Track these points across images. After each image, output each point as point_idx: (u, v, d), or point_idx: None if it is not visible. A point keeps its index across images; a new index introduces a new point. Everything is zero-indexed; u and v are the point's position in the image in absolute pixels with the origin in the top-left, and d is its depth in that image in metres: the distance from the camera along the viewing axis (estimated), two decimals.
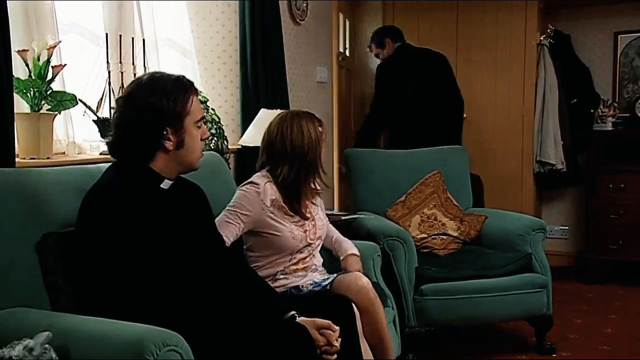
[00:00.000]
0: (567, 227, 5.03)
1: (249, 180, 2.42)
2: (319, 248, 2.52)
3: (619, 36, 4.81)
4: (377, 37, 4.53)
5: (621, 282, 4.35)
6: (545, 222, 3.35)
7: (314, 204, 2.51)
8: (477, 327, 3.51)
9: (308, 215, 2.45)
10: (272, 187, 2.39)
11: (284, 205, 2.40)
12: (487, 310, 3.06)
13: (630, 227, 4.31)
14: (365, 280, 2.31)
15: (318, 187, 2.52)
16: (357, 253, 2.57)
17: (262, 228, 2.37)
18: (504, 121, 4.85)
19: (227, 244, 2.23)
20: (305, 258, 2.44)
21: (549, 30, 4.74)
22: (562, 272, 4.47)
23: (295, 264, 2.42)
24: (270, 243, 2.38)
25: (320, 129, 2.46)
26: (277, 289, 2.26)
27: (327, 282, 2.33)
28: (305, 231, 2.44)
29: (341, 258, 2.54)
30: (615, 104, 4.71)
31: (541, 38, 4.71)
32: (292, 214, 2.41)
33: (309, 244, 2.45)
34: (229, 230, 2.31)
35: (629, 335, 3.43)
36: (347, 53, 5.19)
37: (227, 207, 2.37)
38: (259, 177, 2.41)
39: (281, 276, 2.39)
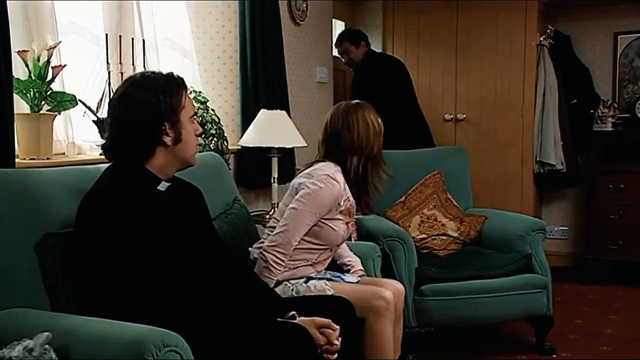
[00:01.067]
0: (567, 228, 5.03)
1: (327, 173, 2.29)
2: None
3: (619, 37, 4.82)
4: (353, 36, 4.60)
5: (621, 282, 4.35)
6: (545, 222, 3.36)
7: (371, 200, 2.49)
8: (477, 328, 3.51)
9: (368, 210, 2.47)
10: (346, 185, 2.35)
11: (353, 205, 2.38)
12: (487, 310, 3.05)
13: (630, 227, 4.31)
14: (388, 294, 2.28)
15: (380, 180, 2.46)
16: (360, 267, 2.56)
17: (323, 220, 2.32)
18: (503, 121, 4.84)
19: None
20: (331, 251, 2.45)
21: (548, 31, 4.74)
22: (562, 273, 4.47)
23: (327, 258, 2.42)
24: (321, 234, 2.33)
25: (379, 120, 2.44)
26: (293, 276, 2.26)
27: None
28: (348, 229, 2.44)
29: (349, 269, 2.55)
30: (615, 105, 4.71)
31: (541, 39, 4.71)
32: (350, 212, 2.39)
33: (344, 239, 2.46)
34: (303, 233, 2.27)
35: (629, 336, 3.42)
36: None
37: (307, 206, 2.25)
38: (335, 172, 2.32)
39: (306, 264, 2.36)
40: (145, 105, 1.80)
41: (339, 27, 5.10)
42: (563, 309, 3.76)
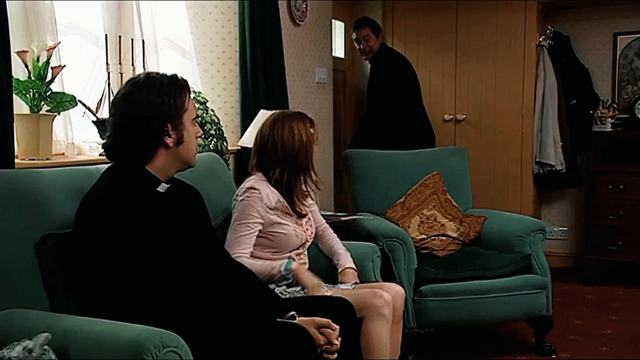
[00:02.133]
0: (566, 228, 5.03)
1: (247, 187, 2.39)
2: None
3: (618, 37, 4.82)
4: (375, 24, 4.53)
5: (621, 283, 4.35)
6: (544, 223, 3.36)
7: (304, 204, 2.51)
8: (476, 328, 3.51)
9: (304, 212, 2.48)
10: (272, 189, 2.40)
11: (287, 205, 2.42)
12: (487, 311, 3.05)
13: (630, 228, 4.31)
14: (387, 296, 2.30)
15: (309, 189, 2.51)
16: (354, 266, 2.57)
17: (268, 228, 2.38)
18: (503, 122, 4.84)
19: (247, 257, 2.28)
20: (300, 255, 2.46)
21: (548, 32, 4.74)
22: (561, 273, 4.47)
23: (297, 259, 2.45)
24: (273, 241, 2.39)
25: (311, 130, 2.47)
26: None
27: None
28: (305, 230, 2.48)
29: (339, 271, 2.56)
30: (615, 105, 4.71)
31: (540, 39, 4.71)
32: (292, 213, 2.44)
33: (304, 243, 2.48)
34: (245, 243, 2.33)
35: (629, 337, 3.42)
36: (343, 55, 5.19)
37: (235, 222, 2.35)
38: (257, 182, 2.41)
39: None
40: (148, 105, 1.80)
41: (338, 27, 5.11)
42: (563, 310, 3.76)
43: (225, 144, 3.29)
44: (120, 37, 2.81)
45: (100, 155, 2.63)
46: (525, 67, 4.71)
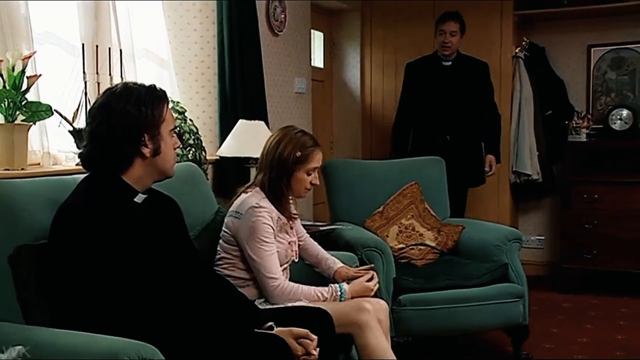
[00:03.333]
0: (542, 237, 5.09)
1: (253, 205, 2.34)
2: None
3: (592, 49, 4.90)
4: (464, 25, 4.17)
5: (596, 291, 4.41)
6: (521, 232, 3.39)
7: (293, 215, 2.52)
8: (454, 337, 3.52)
9: (295, 216, 2.51)
10: (271, 205, 2.39)
11: (285, 222, 2.43)
12: (464, 320, 3.07)
13: (605, 237, 4.37)
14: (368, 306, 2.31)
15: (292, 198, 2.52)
16: (340, 265, 2.61)
17: None
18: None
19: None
20: (284, 272, 2.45)
21: (524, 43, 4.81)
22: (538, 282, 4.51)
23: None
24: None
25: (299, 154, 2.44)
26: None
27: None
28: (292, 250, 2.49)
29: (333, 272, 2.57)
30: (589, 116, 4.79)
31: (516, 50, 4.78)
32: (288, 230, 2.45)
33: (289, 260, 2.48)
34: (277, 263, 2.33)
35: (604, 345, 3.47)
36: (322, 65, 5.21)
37: (259, 241, 2.30)
38: (259, 199, 2.37)
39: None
40: (125, 115, 1.79)
41: (317, 37, 5.13)
42: (539, 318, 3.80)
43: (203, 153, 3.28)
44: (97, 46, 2.80)
45: (76, 165, 2.61)
46: (501, 78, 4.77)
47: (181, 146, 3.07)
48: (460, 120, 4.13)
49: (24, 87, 2.33)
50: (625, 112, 4.65)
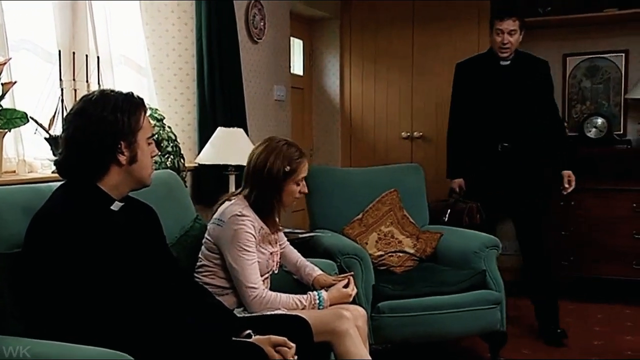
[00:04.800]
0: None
1: (236, 213, 2.33)
2: None
3: (568, 58, 4.98)
4: (524, 20, 3.71)
5: (572, 297, 4.45)
6: (498, 239, 3.41)
7: (278, 228, 2.53)
8: (433, 344, 3.54)
9: (276, 237, 2.50)
10: (254, 215, 2.39)
11: (268, 232, 2.43)
12: (443, 326, 3.08)
13: (581, 243, 4.42)
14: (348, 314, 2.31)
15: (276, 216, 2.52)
16: (318, 272, 2.60)
17: None
18: None
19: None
20: (264, 281, 2.45)
21: None
22: (515, 288, 4.54)
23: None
24: None
25: (288, 168, 2.45)
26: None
27: None
28: (274, 260, 2.48)
29: (312, 280, 2.57)
30: (565, 124, 4.85)
31: None
32: (271, 240, 2.45)
33: (269, 271, 2.48)
34: (258, 272, 2.32)
35: (581, 351, 3.50)
36: (301, 73, 5.23)
37: (240, 250, 2.29)
38: (242, 207, 2.36)
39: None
40: (102, 122, 1.78)
41: (297, 45, 5.15)
42: (517, 324, 3.82)
43: (182, 161, 3.27)
44: (74, 53, 2.78)
45: (52, 172, 2.58)
46: None
47: (159, 154, 3.05)
48: (521, 126, 3.67)
49: None
50: (600, 120, 4.73)
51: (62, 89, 2.67)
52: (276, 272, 2.53)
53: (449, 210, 3.77)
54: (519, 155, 3.65)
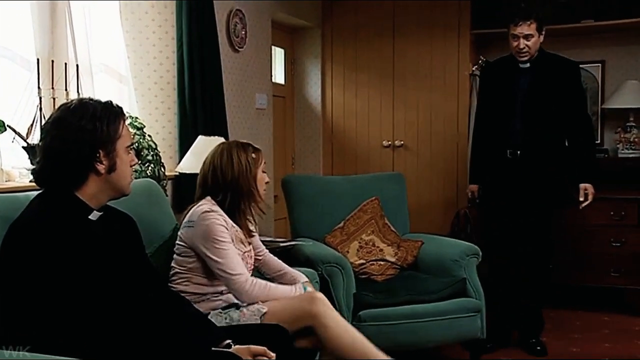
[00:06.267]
0: None
1: (205, 210, 2.35)
2: None
3: None
4: (542, 20, 3.53)
5: (552, 305, 4.48)
6: (478, 247, 3.44)
7: (250, 230, 2.52)
8: (414, 352, 3.54)
9: (253, 233, 2.51)
10: (224, 214, 2.40)
11: (238, 231, 2.44)
12: (423, 335, 3.09)
13: (560, 251, 4.45)
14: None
15: (253, 214, 2.53)
16: (307, 279, 2.62)
17: None
18: (439, 148, 4.99)
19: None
20: None
21: (480, 62, 4.91)
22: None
23: None
24: None
25: (253, 155, 2.49)
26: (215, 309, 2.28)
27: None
28: (248, 263, 2.48)
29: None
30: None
31: (473, 69, 4.88)
32: (243, 241, 2.45)
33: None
34: (239, 258, 2.34)
35: (562, 357, 3.52)
36: (283, 81, 5.23)
37: (217, 242, 2.30)
38: (211, 206, 2.39)
39: (219, 297, 2.39)
40: (80, 131, 1.76)
41: (278, 53, 5.15)
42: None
43: (162, 169, 3.25)
44: (53, 61, 2.76)
45: (30, 181, 2.55)
46: (459, 95, 4.88)
47: (139, 162, 3.03)
48: (534, 133, 3.47)
49: None
50: None
51: (40, 98, 2.65)
52: (250, 274, 2.52)
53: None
54: (528, 163, 3.47)
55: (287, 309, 2.25)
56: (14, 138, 2.58)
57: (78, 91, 2.82)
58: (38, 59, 2.69)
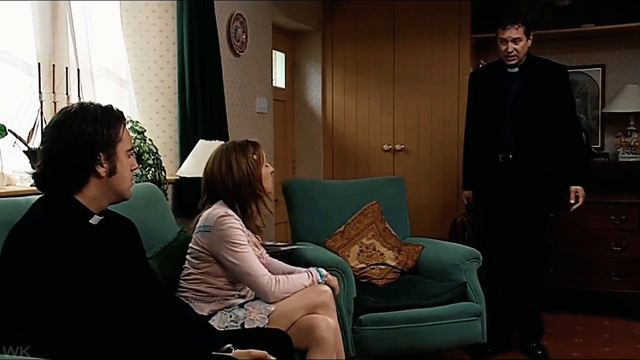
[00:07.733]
0: None
1: (222, 214, 2.36)
2: None
3: None
4: (529, 25, 3.54)
5: (550, 309, 4.48)
6: (479, 251, 3.44)
7: (259, 231, 2.55)
8: (415, 356, 3.53)
9: (260, 240, 2.54)
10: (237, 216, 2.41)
11: (252, 235, 2.47)
12: (424, 339, 3.09)
13: (560, 255, 4.46)
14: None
15: (261, 214, 2.54)
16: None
17: None
18: (440, 151, 4.99)
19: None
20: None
21: (480, 65, 4.92)
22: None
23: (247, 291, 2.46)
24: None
25: (254, 156, 2.49)
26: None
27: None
28: (263, 258, 2.52)
29: None
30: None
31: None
32: (253, 242, 2.47)
33: None
34: (257, 258, 2.36)
35: None
36: (283, 85, 5.24)
37: (236, 245, 2.32)
38: (224, 209, 2.39)
39: (231, 300, 2.40)
40: (81, 134, 1.77)
41: (279, 57, 5.16)
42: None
43: (163, 173, 3.25)
44: (54, 65, 2.76)
45: (31, 186, 2.56)
46: (459, 100, 4.87)
47: (140, 166, 3.04)
48: (525, 137, 3.49)
49: None
50: None
51: (41, 102, 2.66)
52: None
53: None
54: (520, 166, 3.48)
55: (303, 300, 2.30)
56: (14, 142, 2.58)
57: (79, 95, 2.82)
58: (39, 63, 2.69)
